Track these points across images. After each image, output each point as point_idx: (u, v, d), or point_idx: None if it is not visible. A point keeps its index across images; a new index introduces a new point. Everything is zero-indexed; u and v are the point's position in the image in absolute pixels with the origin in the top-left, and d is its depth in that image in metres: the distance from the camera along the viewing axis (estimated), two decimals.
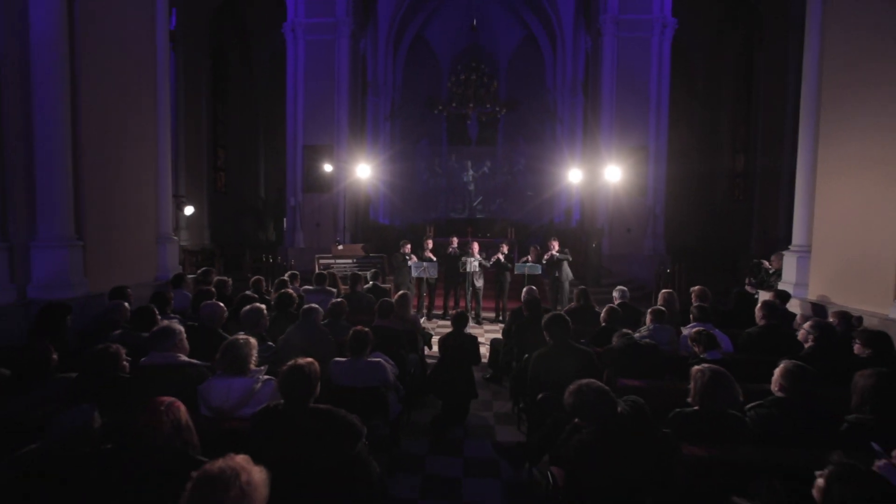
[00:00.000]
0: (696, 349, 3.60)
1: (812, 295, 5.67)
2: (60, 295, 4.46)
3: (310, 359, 2.36)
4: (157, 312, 3.94)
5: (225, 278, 5.81)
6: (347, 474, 2.31)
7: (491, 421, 4.62)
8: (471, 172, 21.47)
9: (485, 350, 5.99)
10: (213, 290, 5.07)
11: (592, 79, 14.76)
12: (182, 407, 1.95)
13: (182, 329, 2.97)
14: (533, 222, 19.25)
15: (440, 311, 9.21)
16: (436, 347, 5.41)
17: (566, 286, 8.49)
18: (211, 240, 16.76)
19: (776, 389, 2.59)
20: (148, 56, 6.22)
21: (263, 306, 3.87)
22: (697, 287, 5.44)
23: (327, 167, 13.07)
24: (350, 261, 10.18)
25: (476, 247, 8.72)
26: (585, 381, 2.34)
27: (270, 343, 3.83)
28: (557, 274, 8.49)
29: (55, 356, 2.87)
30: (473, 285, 8.66)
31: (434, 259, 8.67)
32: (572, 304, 5.71)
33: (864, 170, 4.85)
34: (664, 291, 5.45)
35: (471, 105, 17.14)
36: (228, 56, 18.20)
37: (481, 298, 8.86)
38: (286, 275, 6.54)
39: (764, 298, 4.65)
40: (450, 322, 4.83)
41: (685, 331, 4.26)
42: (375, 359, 3.42)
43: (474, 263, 8.47)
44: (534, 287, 5.48)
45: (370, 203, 17.73)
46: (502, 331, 6.16)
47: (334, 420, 2.28)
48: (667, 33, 13.13)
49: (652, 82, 13.08)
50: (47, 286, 4.67)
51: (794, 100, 7.82)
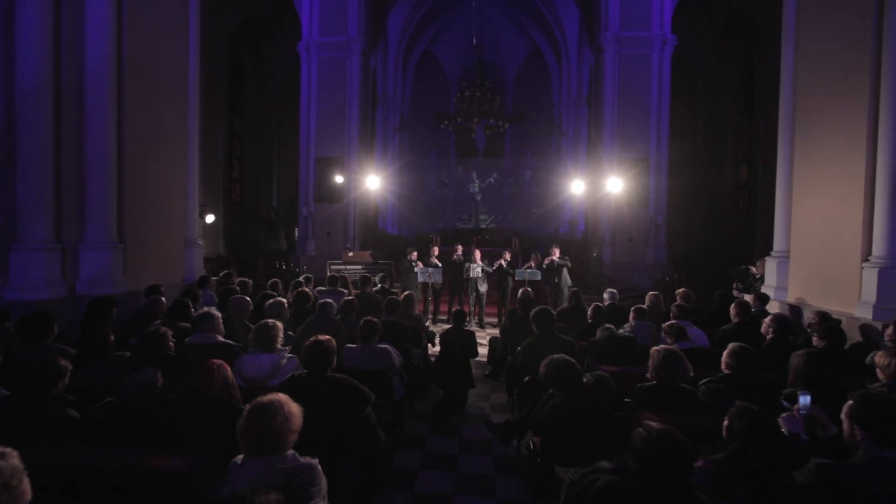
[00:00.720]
0: (669, 340, 4.04)
1: (791, 297, 6.07)
2: (104, 291, 5.02)
3: (328, 336, 2.85)
4: (191, 305, 4.46)
5: (245, 279, 6.34)
6: (358, 433, 2.77)
7: (488, 410, 5.05)
8: (477, 183, 21.93)
9: (485, 351, 6.44)
10: (237, 289, 5.59)
11: (595, 93, 15.21)
12: (228, 369, 2.45)
13: (220, 315, 3.49)
14: (538, 232, 19.58)
15: (445, 317, 9.61)
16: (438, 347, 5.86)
17: (565, 291, 8.89)
18: (225, 248, 17.34)
19: (724, 367, 3.03)
20: (180, 80, 6.85)
21: (284, 300, 4.38)
22: (682, 290, 5.90)
23: (338, 178, 13.55)
24: (359, 267, 10.67)
25: (478, 254, 9.19)
26: (557, 356, 2.81)
27: (290, 332, 4.32)
28: (557, 280, 8.92)
29: (112, 338, 3.40)
30: (477, 290, 9.07)
31: (439, 265, 9.13)
32: (565, 305, 6.16)
33: (831, 182, 5.28)
34: (651, 294, 5.90)
35: (475, 120, 17.73)
36: (245, 73, 18.97)
37: (484, 304, 9.30)
38: (301, 277, 7.07)
39: (738, 300, 5.07)
40: (451, 321, 5.29)
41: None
42: (383, 346, 3.90)
43: (477, 269, 8.91)
44: (529, 288, 5.94)
45: (379, 213, 18.23)
46: (500, 329, 6.60)
47: (347, 386, 2.76)
48: (666, 49, 13.55)
49: (652, 96, 13.48)
50: (93, 283, 5.24)
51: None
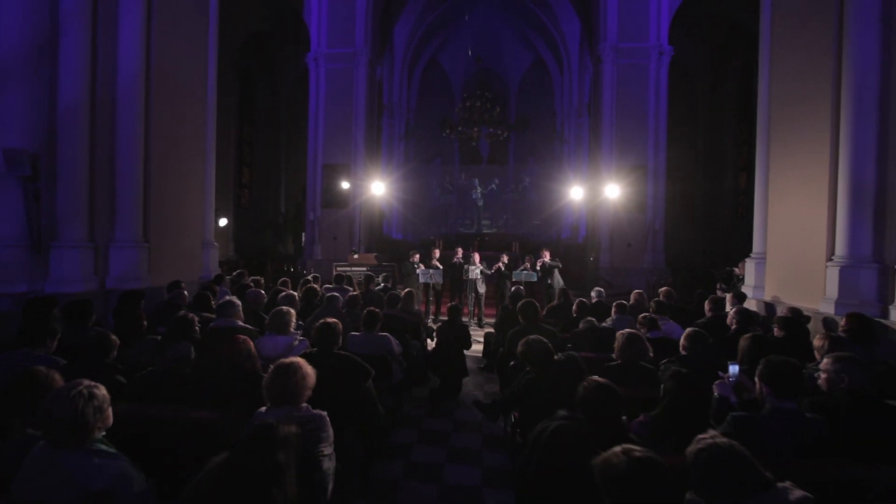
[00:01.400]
0: (642, 330, 4.46)
1: (767, 296, 6.46)
2: (131, 286, 5.49)
3: (335, 319, 3.30)
4: (211, 299, 4.94)
5: (258, 277, 6.83)
6: (360, 402, 3.21)
7: (481, 398, 5.47)
8: (479, 189, 22.38)
9: (481, 347, 6.86)
10: (251, 285, 6.08)
11: (594, 102, 15.68)
12: (251, 342, 2.90)
13: (240, 303, 3.96)
14: (539, 237, 19.97)
15: (445, 317, 10.05)
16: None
17: (557, 292, 9.32)
18: (235, 251, 17.90)
19: (681, 349, 3.44)
20: (198, 91, 7.37)
21: (296, 294, 4.84)
22: (664, 288, 6.33)
23: (344, 184, 14.06)
24: (364, 269, 11.14)
25: (478, 257, 9.64)
26: (533, 336, 3.24)
27: (301, 322, 4.78)
28: (550, 281, 9.35)
29: (145, 323, 3.87)
30: (476, 291, 9.52)
31: (440, 267, 9.59)
32: (554, 302, 6.59)
33: (800, 186, 5.68)
34: (636, 292, 6.32)
35: (476, 129, 18.28)
36: (255, 82, 19.60)
37: (483, 304, 9.73)
38: (310, 276, 7.55)
39: (712, 296, 5.47)
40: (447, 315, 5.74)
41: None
42: (383, 334, 4.34)
43: (476, 271, 9.35)
44: (521, 286, 6.38)
45: (384, 218, 18.73)
46: (494, 324, 7.03)
47: (351, 362, 3.21)
48: (663, 60, 13.98)
49: (650, 106, 13.90)
50: (121, 278, 5.74)
51: None
